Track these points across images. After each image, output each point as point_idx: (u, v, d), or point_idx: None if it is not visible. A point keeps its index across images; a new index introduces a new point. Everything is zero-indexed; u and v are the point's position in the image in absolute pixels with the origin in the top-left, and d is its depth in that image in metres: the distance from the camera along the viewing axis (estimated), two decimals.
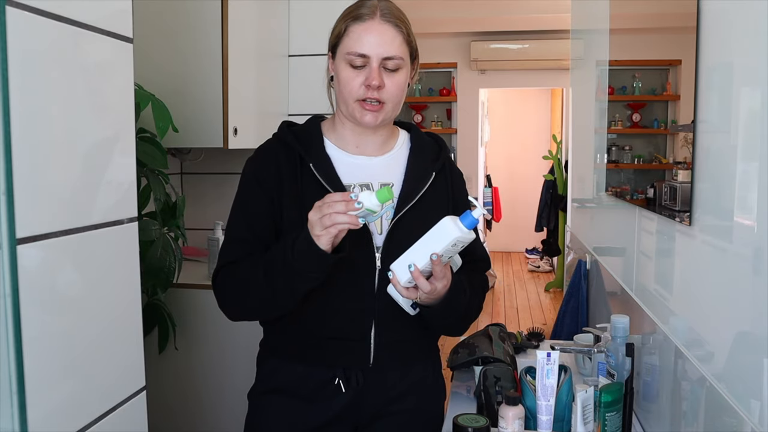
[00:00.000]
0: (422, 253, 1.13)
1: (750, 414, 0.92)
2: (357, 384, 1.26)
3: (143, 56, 1.49)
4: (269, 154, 1.28)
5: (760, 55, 0.92)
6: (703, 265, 1.17)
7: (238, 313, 1.30)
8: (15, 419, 0.79)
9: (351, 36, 1.20)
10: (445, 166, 1.34)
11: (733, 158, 1.02)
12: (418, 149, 1.33)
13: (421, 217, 1.24)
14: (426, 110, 6.70)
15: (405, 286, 1.15)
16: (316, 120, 1.34)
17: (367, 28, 1.20)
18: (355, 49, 1.19)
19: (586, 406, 1.27)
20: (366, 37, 1.19)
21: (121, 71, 1.02)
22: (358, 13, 1.21)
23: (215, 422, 2.15)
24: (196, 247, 2.52)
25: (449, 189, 1.33)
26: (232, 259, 1.25)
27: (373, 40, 1.19)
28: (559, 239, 6.18)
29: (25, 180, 0.80)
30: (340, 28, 1.23)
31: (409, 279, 1.14)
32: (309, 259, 1.11)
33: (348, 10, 1.25)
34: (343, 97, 1.23)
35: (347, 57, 1.20)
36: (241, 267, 1.22)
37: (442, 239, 1.13)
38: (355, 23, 1.20)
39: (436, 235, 1.14)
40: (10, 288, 0.78)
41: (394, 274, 1.15)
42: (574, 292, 2.56)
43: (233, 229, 1.28)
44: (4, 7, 0.76)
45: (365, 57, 1.19)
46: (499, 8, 5.42)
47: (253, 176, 1.27)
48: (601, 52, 2.27)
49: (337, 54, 1.23)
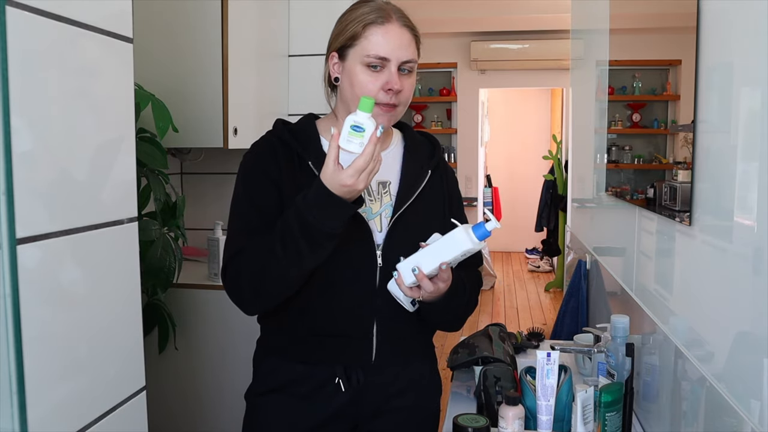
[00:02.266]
0: (431, 260, 1.15)
1: (750, 414, 0.92)
2: (357, 382, 1.26)
3: (143, 56, 1.49)
4: (268, 150, 1.27)
5: (760, 55, 0.92)
6: (703, 265, 1.17)
7: (256, 300, 1.23)
8: (15, 419, 0.79)
9: (370, 39, 1.20)
10: (439, 165, 1.36)
11: (733, 158, 1.02)
12: (412, 148, 1.34)
13: (419, 214, 1.26)
14: (426, 110, 6.70)
15: (409, 286, 1.17)
16: (311, 119, 1.33)
17: (387, 32, 1.20)
18: (376, 52, 1.19)
19: (586, 406, 1.27)
20: (387, 40, 1.20)
21: (121, 71, 1.02)
22: (375, 16, 1.21)
23: (215, 422, 2.15)
24: (196, 247, 2.52)
25: (444, 187, 1.35)
26: (241, 248, 1.21)
27: (394, 44, 1.20)
28: (559, 239, 6.18)
29: (25, 180, 0.80)
30: (355, 30, 1.21)
31: (413, 281, 1.16)
32: (331, 211, 1.10)
33: (356, 11, 1.23)
34: (357, 99, 1.23)
35: (366, 59, 1.20)
36: (251, 251, 1.18)
37: (453, 249, 1.15)
38: (374, 26, 1.20)
39: (447, 245, 1.16)
40: (10, 288, 0.77)
41: (399, 275, 1.17)
42: (574, 292, 2.56)
43: (240, 221, 1.25)
44: (4, 7, 0.76)
45: (385, 60, 1.20)
46: (499, 8, 5.42)
47: (258, 168, 1.25)
48: (601, 52, 2.27)
49: (350, 56, 1.22)
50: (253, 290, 1.20)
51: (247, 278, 1.19)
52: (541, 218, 6.58)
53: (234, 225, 1.26)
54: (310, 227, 1.10)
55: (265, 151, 1.27)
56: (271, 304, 1.24)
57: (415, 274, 1.15)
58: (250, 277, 1.19)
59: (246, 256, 1.19)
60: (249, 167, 1.27)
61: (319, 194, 1.09)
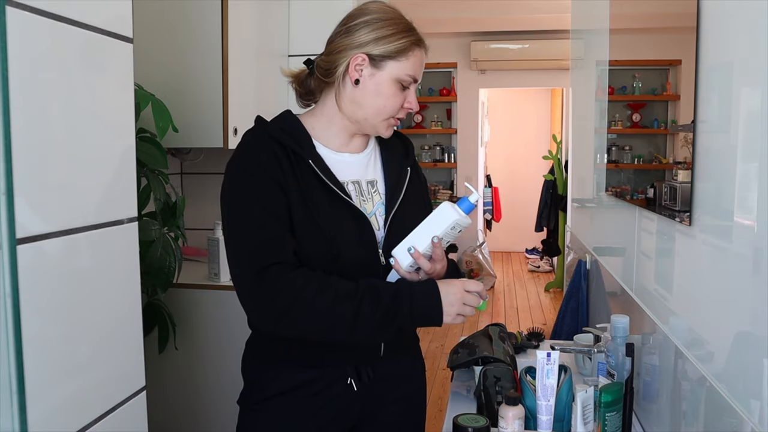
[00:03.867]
0: (423, 237, 1.19)
1: (750, 414, 0.92)
2: (368, 379, 1.27)
3: (143, 56, 1.49)
4: (269, 152, 1.20)
5: (760, 55, 0.92)
6: (703, 265, 1.17)
7: (296, 332, 1.16)
8: (15, 419, 0.79)
9: (412, 60, 1.22)
10: (415, 162, 1.39)
11: (733, 158, 1.02)
12: (386, 147, 1.36)
13: (409, 209, 1.29)
14: (426, 110, 6.70)
15: (407, 271, 1.20)
16: (293, 116, 1.28)
17: (423, 55, 1.25)
18: (414, 74, 1.23)
19: (586, 406, 1.27)
20: (421, 64, 1.24)
21: (121, 71, 1.02)
22: (418, 36, 1.24)
23: (215, 422, 2.15)
24: (196, 247, 2.52)
25: (421, 183, 1.40)
26: (276, 260, 1.13)
27: (422, 68, 1.25)
28: (559, 239, 6.18)
29: (25, 180, 0.80)
30: (404, 45, 1.20)
31: (411, 263, 1.19)
32: (426, 318, 1.16)
33: (398, 22, 1.22)
34: (374, 110, 1.22)
35: (403, 78, 1.21)
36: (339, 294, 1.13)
37: (442, 222, 1.19)
38: (419, 48, 1.23)
39: (436, 219, 1.20)
40: (10, 288, 0.78)
41: (396, 260, 1.20)
42: (574, 292, 2.56)
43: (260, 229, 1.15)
44: (4, 7, 0.76)
45: (416, 82, 1.24)
46: (499, 8, 5.42)
47: (266, 176, 1.17)
48: (601, 52, 2.27)
49: (387, 67, 1.20)
50: (309, 327, 1.15)
51: (310, 317, 1.13)
52: (541, 218, 6.58)
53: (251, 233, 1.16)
54: (411, 319, 1.15)
55: (266, 153, 1.20)
56: (307, 337, 1.20)
57: (411, 254, 1.18)
58: (314, 317, 1.13)
59: (309, 291, 1.12)
60: (256, 173, 1.18)
61: (433, 300, 1.16)
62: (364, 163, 1.30)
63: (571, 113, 3.70)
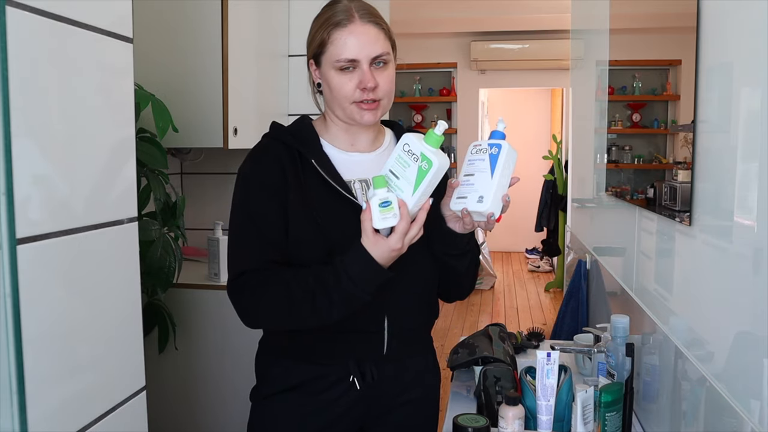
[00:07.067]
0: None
1: (750, 414, 0.92)
2: (372, 378, 1.27)
3: (143, 56, 1.49)
4: (272, 155, 1.26)
5: (760, 55, 0.92)
6: (703, 265, 1.17)
7: (265, 325, 1.30)
8: (15, 419, 0.79)
9: (335, 43, 1.21)
10: None
11: (733, 158, 1.02)
12: None
13: None
14: (426, 110, 6.70)
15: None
16: (306, 120, 1.34)
17: (351, 32, 1.20)
18: (344, 56, 1.20)
19: (586, 406, 1.27)
20: (351, 41, 1.20)
21: (121, 71, 1.03)
22: (337, 19, 1.21)
23: (215, 422, 2.15)
24: (196, 247, 2.52)
25: None
26: (249, 267, 1.22)
27: (359, 43, 1.20)
28: (559, 239, 6.18)
29: (25, 180, 0.80)
30: (322, 37, 1.22)
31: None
32: (368, 276, 1.14)
33: (323, 17, 1.25)
34: (338, 102, 1.24)
35: (336, 64, 1.21)
36: (274, 282, 1.19)
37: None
38: (337, 30, 1.21)
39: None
40: (10, 288, 0.78)
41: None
42: (574, 292, 2.56)
43: (242, 236, 1.25)
44: (4, 7, 0.76)
45: (355, 61, 1.20)
46: (499, 8, 5.42)
47: (257, 181, 1.24)
48: (601, 52, 2.27)
49: (323, 62, 1.24)
50: (270, 318, 1.24)
51: (267, 307, 1.21)
52: (541, 218, 6.58)
53: (234, 238, 1.27)
54: (349, 293, 1.14)
55: (264, 157, 1.26)
56: (279, 329, 1.31)
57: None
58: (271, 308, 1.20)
59: (262, 285, 1.20)
60: (248, 179, 1.26)
61: (360, 260, 1.13)
62: (377, 160, 1.29)
63: (571, 113, 3.70)
